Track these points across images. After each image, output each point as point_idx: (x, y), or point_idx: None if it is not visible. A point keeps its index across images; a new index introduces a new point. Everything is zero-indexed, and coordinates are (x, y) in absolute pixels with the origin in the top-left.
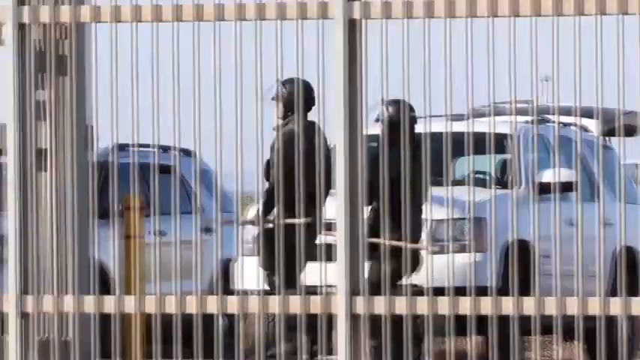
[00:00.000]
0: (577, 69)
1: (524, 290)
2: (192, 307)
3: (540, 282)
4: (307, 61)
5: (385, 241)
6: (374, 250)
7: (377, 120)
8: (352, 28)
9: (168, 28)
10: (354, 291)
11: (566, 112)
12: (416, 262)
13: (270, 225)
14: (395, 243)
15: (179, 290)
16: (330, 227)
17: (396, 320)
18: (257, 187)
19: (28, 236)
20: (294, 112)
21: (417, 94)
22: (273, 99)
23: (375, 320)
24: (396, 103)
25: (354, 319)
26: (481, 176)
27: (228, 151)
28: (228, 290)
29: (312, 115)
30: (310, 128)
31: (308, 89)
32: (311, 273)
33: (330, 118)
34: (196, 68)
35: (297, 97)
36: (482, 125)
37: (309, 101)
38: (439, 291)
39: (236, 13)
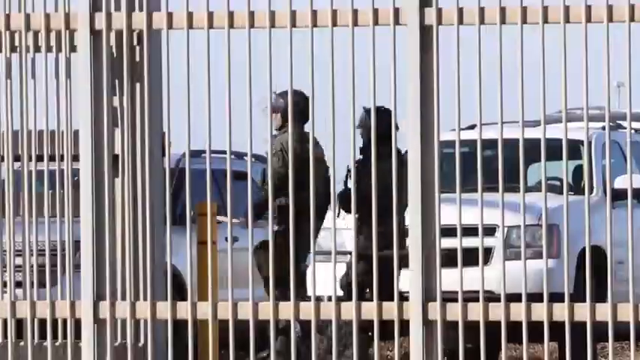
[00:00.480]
0: None
1: (599, 297)
2: (266, 313)
3: (614, 288)
4: (380, 67)
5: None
6: (362, 258)
7: (358, 126)
8: (426, 35)
9: (242, 35)
10: (427, 297)
11: (639, 118)
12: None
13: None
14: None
15: (252, 296)
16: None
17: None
18: (334, 194)
19: (102, 242)
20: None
21: (489, 100)
22: (264, 110)
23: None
24: (376, 110)
25: (427, 325)
26: (554, 183)
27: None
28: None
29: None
30: (306, 138)
31: (307, 101)
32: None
33: (402, 126)
34: (270, 75)
35: (292, 108)
36: (555, 131)
37: (306, 112)
38: (513, 297)
39: (311, 19)
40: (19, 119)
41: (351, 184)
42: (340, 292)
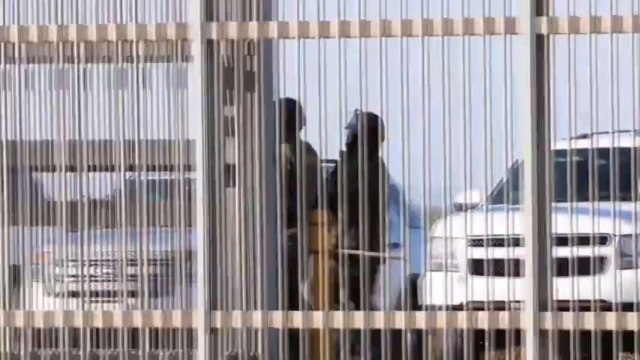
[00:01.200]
0: None
1: None
2: (380, 322)
3: None
4: (494, 76)
5: (364, 252)
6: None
7: (346, 127)
8: (539, 44)
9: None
10: (542, 306)
11: None
12: (374, 271)
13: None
14: (371, 254)
15: (366, 306)
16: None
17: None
18: (444, 203)
19: (216, 252)
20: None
21: (603, 108)
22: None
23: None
24: (365, 115)
25: (542, 334)
26: None
27: (415, 166)
28: (416, 306)
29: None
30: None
31: (299, 108)
32: (499, 288)
33: (516, 132)
34: (383, 84)
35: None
36: None
37: (301, 121)
38: (627, 306)
39: (423, 29)
40: (132, 129)
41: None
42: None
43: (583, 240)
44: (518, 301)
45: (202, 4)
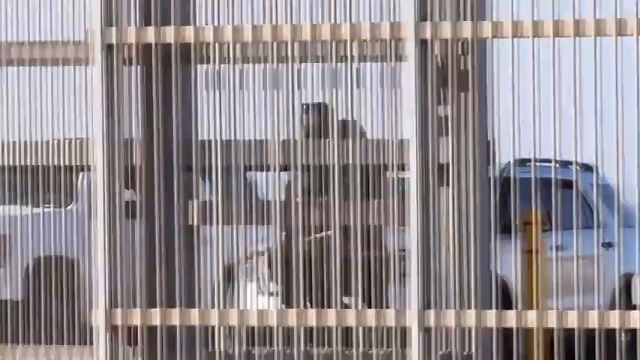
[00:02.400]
0: None
1: None
2: (593, 321)
3: None
4: None
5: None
6: None
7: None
8: None
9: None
10: None
11: None
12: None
13: None
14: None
15: (580, 305)
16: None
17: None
18: None
19: (429, 251)
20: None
21: None
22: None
23: None
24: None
25: None
26: None
27: (630, 166)
28: (630, 305)
29: None
30: None
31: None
32: None
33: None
34: (598, 83)
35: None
36: None
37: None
38: None
39: (594, 28)
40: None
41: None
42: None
43: None
44: None
45: (416, 4)
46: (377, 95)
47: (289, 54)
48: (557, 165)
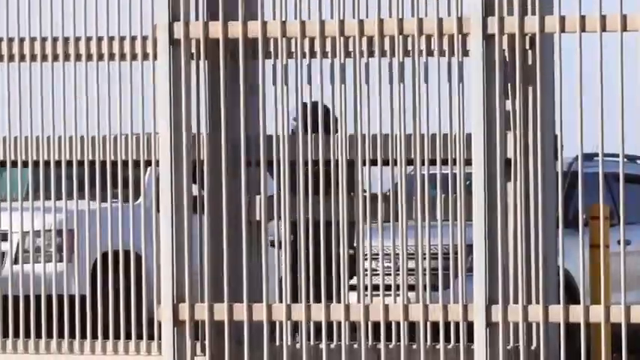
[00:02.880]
0: None
1: None
2: None
3: None
4: None
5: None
6: None
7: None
8: None
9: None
10: None
11: None
12: None
13: None
14: None
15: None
16: None
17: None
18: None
19: (494, 246)
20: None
21: None
22: None
23: None
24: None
25: None
26: None
27: None
28: None
29: None
30: None
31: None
32: None
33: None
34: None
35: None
36: None
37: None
38: None
39: None
40: (412, 123)
41: None
42: None
43: None
44: None
45: None
46: (444, 90)
47: (356, 49)
48: (625, 160)
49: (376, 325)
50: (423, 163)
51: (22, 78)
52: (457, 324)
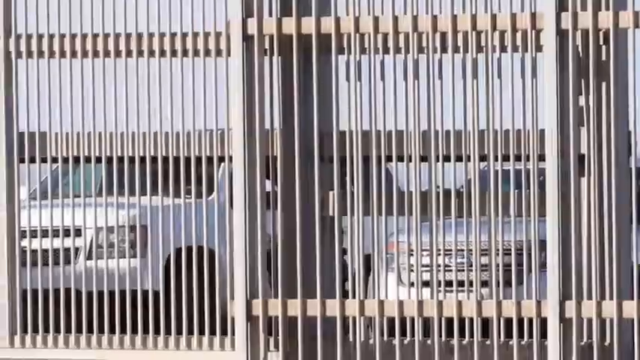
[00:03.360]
0: None
1: None
2: None
3: None
4: None
5: None
6: None
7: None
8: None
9: None
10: None
11: None
12: None
13: None
14: None
15: None
16: None
17: None
18: None
19: (568, 242)
20: None
21: None
22: None
23: None
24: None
25: None
26: None
27: None
28: None
29: None
30: None
31: None
32: None
33: None
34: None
35: None
36: None
37: None
38: None
39: None
40: (486, 119)
41: None
42: None
43: None
44: None
45: None
46: (517, 86)
47: (429, 45)
48: None
49: (449, 321)
50: (496, 159)
51: (95, 74)
52: (530, 320)
